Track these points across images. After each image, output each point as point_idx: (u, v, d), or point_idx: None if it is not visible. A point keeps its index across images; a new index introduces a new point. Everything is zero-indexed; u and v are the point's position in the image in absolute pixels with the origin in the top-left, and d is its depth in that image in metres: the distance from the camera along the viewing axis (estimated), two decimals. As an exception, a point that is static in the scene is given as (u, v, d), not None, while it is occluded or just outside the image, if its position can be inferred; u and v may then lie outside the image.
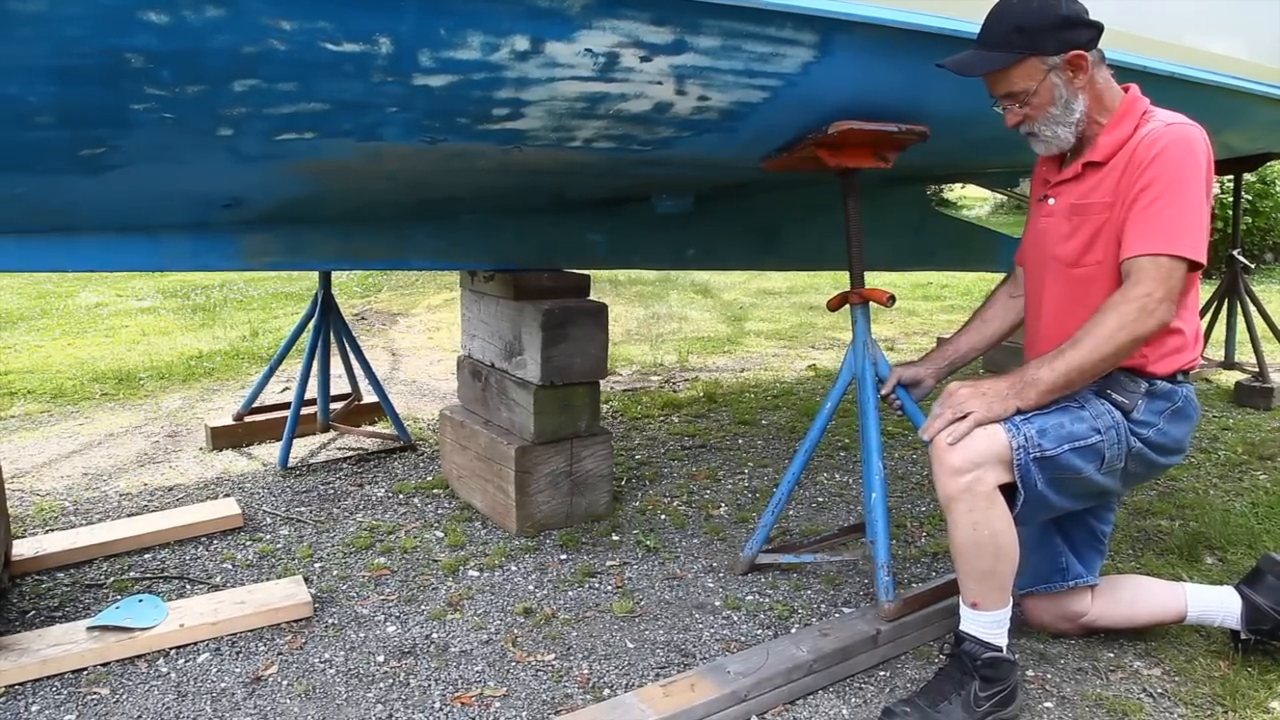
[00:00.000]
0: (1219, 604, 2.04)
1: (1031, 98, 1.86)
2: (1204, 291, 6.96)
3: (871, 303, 2.26)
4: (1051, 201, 1.96)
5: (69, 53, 1.41)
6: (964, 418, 1.76)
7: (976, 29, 1.94)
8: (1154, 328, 1.73)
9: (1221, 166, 4.79)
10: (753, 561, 2.46)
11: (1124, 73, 2.28)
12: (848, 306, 2.28)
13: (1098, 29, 1.84)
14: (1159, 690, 1.96)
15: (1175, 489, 3.15)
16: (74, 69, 1.44)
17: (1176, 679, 2.00)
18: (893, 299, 2.21)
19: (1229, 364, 4.82)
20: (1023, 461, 1.74)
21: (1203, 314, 4.84)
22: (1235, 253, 4.62)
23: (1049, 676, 2.00)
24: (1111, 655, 2.09)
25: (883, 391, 2.21)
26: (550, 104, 1.77)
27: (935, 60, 1.99)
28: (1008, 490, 1.77)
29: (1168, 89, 2.47)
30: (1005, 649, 1.82)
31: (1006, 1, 1.87)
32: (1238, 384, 4.44)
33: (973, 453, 1.73)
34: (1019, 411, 1.78)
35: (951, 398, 1.80)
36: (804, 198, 3.21)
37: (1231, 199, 4.99)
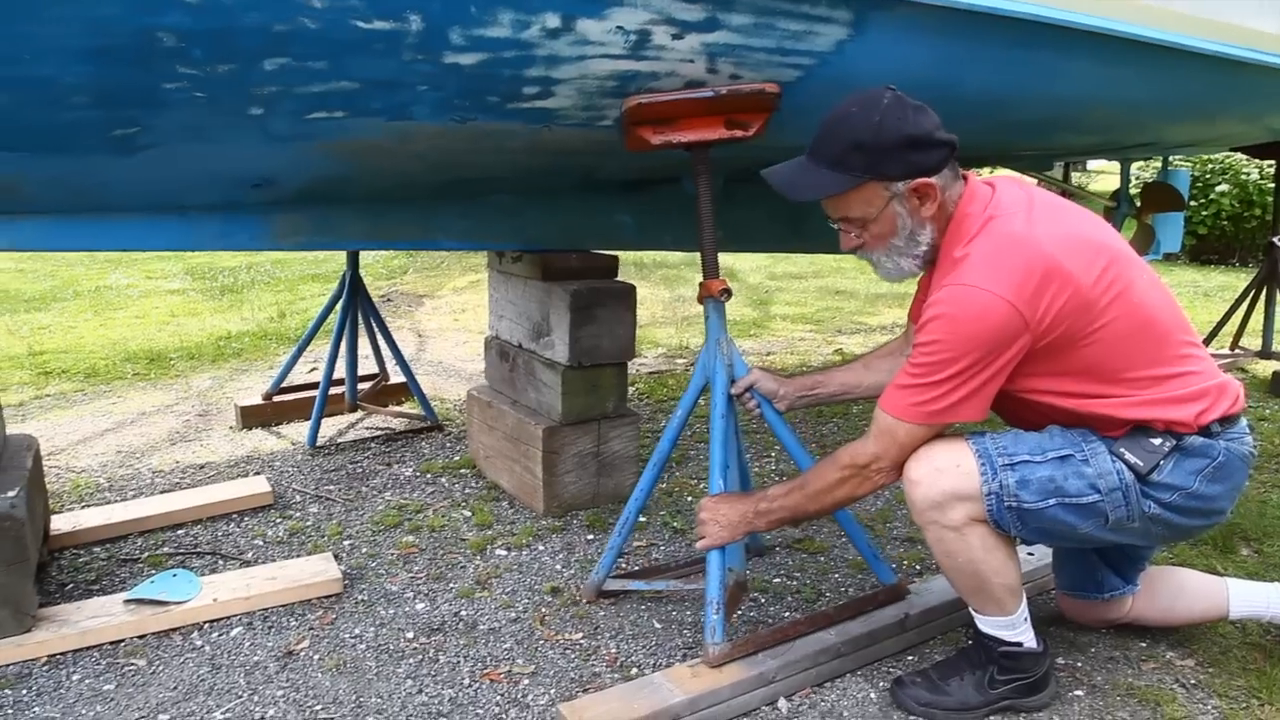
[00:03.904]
0: (1265, 602, 1.96)
1: (870, 225, 1.67)
2: (1242, 279, 6.87)
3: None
4: None
5: (102, 33, 1.42)
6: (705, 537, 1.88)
7: (1016, 7, 1.89)
8: (871, 490, 1.74)
9: (1263, 150, 4.69)
10: (599, 588, 2.21)
11: (1165, 52, 2.24)
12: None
13: (950, 146, 1.63)
14: (1192, 681, 1.93)
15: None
16: (107, 49, 1.45)
17: (1210, 670, 1.97)
18: (727, 292, 2.02)
19: (1266, 353, 4.73)
20: (994, 508, 1.63)
21: (1240, 301, 4.76)
22: (1275, 239, 4.52)
23: (1079, 665, 1.99)
24: (1144, 645, 2.06)
25: (733, 390, 2.01)
26: (581, 83, 1.76)
27: (973, 39, 1.95)
28: None
29: (1211, 69, 2.41)
30: (1029, 643, 1.79)
31: (845, 112, 1.62)
32: (1275, 374, 4.35)
33: (935, 493, 1.64)
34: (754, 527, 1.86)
35: (698, 514, 1.90)
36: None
37: (1273, 184, 4.88)
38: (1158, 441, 1.63)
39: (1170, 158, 5.25)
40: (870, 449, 1.69)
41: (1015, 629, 1.77)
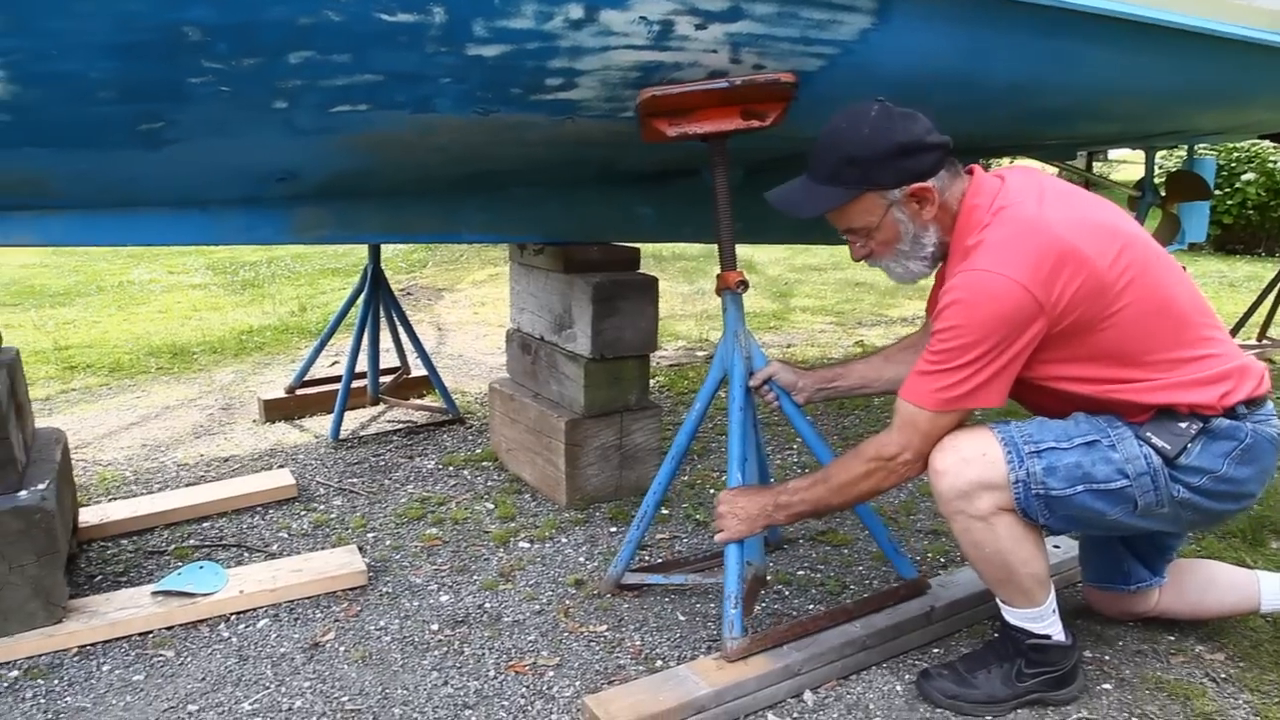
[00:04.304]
0: None
1: (875, 233, 1.71)
2: (1269, 269, 6.77)
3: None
4: None
5: (128, 28, 1.42)
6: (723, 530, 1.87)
7: (1040, -7, 1.87)
8: (897, 482, 1.74)
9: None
10: (618, 581, 2.20)
11: (1193, 38, 2.20)
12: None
13: (942, 148, 1.65)
14: (1222, 675, 1.91)
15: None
16: (133, 44, 1.46)
17: (1241, 664, 1.95)
18: (744, 284, 2.00)
19: (1293, 342, 4.67)
20: (1022, 496, 1.63)
21: (1267, 291, 4.69)
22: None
23: (1107, 658, 1.97)
24: (1172, 638, 2.04)
25: (751, 383, 2.00)
26: (604, 74, 1.75)
27: (997, 27, 1.93)
28: None
29: (1240, 54, 2.37)
30: (1057, 635, 1.77)
31: (835, 128, 1.67)
32: (1303, 362, 4.30)
33: (962, 483, 1.63)
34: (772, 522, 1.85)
35: (716, 508, 1.89)
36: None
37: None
38: (1184, 425, 1.61)
39: (1196, 146, 5.18)
40: (895, 440, 1.69)
41: (1043, 621, 1.76)
